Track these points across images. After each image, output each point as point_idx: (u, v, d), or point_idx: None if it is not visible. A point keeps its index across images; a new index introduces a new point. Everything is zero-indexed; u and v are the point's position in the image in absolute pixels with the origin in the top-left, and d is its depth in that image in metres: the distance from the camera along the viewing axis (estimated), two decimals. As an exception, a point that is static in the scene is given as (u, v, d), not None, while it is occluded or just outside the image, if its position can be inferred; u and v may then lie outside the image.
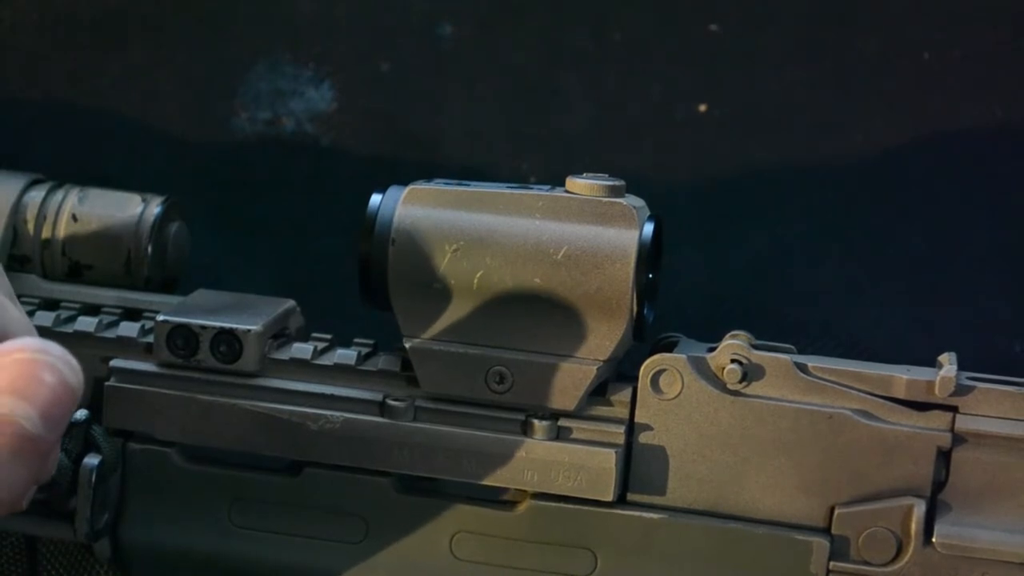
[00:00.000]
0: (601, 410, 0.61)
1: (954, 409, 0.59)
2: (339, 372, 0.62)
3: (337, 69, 0.79)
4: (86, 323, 0.64)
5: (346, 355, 0.62)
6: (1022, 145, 0.76)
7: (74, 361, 0.48)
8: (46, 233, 0.67)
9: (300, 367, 0.62)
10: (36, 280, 0.67)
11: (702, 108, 0.78)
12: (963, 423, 0.59)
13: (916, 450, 0.59)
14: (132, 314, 0.66)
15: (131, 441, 0.63)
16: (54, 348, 0.48)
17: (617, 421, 0.60)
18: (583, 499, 0.60)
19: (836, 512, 0.60)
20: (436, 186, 0.60)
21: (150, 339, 0.63)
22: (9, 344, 0.48)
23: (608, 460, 0.60)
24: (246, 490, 0.63)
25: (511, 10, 0.78)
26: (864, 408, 0.60)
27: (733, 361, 0.60)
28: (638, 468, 0.61)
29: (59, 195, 0.68)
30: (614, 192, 0.59)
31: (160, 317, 0.62)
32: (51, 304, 0.66)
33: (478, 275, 0.59)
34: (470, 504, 0.62)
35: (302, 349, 0.63)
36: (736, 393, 0.60)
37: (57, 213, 0.67)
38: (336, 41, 0.79)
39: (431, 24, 0.78)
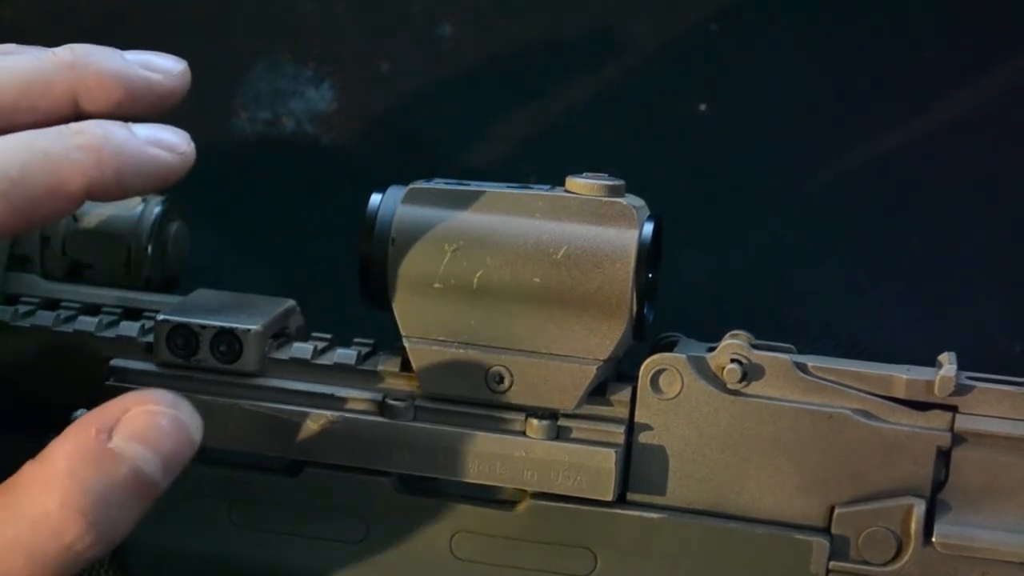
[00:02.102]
0: (601, 410, 0.61)
1: (954, 409, 0.59)
2: (339, 372, 0.62)
3: (337, 69, 0.79)
4: (86, 323, 0.64)
5: (346, 355, 0.62)
6: (1022, 145, 0.76)
7: (198, 417, 0.54)
8: (46, 232, 0.67)
9: (300, 367, 0.62)
10: (36, 280, 0.67)
11: (702, 108, 0.78)
12: (963, 423, 0.59)
13: (916, 450, 0.59)
14: (132, 314, 0.65)
15: (131, 441, 0.63)
16: (184, 405, 0.54)
17: (617, 421, 0.60)
18: (583, 499, 0.60)
19: (836, 512, 0.60)
20: (436, 186, 0.60)
21: (150, 339, 0.63)
22: (143, 394, 0.53)
23: (608, 460, 0.60)
24: (246, 490, 0.63)
25: (511, 10, 0.78)
26: (864, 408, 0.60)
27: (733, 361, 0.60)
28: (638, 468, 0.61)
29: (59, 195, 0.68)
30: (614, 192, 0.59)
31: (160, 317, 0.62)
32: (51, 304, 0.66)
33: (478, 275, 0.59)
34: (470, 504, 0.62)
35: (302, 349, 0.62)
36: (736, 393, 0.60)
37: (57, 212, 0.67)
38: (336, 41, 0.79)
39: (431, 24, 0.78)
